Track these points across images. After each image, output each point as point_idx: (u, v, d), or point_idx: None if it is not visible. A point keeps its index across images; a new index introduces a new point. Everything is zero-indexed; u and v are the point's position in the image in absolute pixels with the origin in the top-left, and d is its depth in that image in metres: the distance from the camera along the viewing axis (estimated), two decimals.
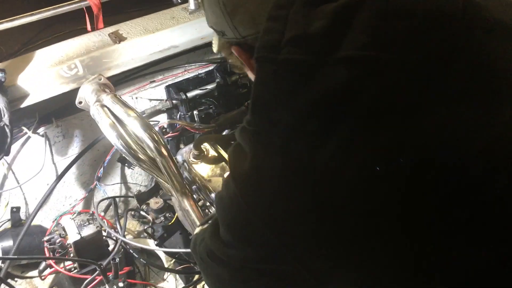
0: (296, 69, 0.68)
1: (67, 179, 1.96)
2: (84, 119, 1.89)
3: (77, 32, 1.79)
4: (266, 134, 0.70)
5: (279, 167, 0.69)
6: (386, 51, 0.64)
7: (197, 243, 0.97)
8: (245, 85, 2.10)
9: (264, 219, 0.71)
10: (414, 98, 0.65)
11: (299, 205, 0.69)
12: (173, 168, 1.44)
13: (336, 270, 0.71)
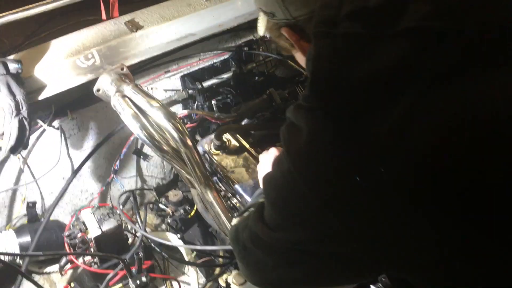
0: (355, 42, 0.67)
1: (83, 173, 1.92)
2: (99, 111, 1.85)
3: (89, 22, 1.74)
4: (325, 108, 0.69)
5: (338, 142, 0.67)
6: (448, 21, 0.63)
7: (239, 231, 0.95)
8: (262, 73, 2.06)
9: (322, 196, 0.69)
10: (478, 65, 0.63)
11: (359, 180, 0.66)
12: (198, 159, 1.40)
13: (393, 251, 0.68)
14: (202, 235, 1.93)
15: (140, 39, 1.61)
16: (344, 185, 0.67)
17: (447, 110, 0.62)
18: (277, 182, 0.78)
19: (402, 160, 0.63)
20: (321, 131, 0.69)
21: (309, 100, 0.71)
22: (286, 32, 0.88)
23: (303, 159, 0.71)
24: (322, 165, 0.69)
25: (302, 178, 0.70)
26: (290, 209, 0.76)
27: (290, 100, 1.73)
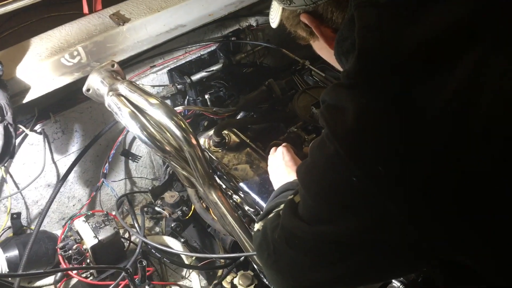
0: (402, 10, 0.64)
1: (70, 179, 1.81)
2: (84, 112, 1.74)
3: (69, 17, 1.61)
4: (374, 82, 0.64)
5: (394, 115, 0.62)
6: None
7: (267, 234, 0.89)
8: (252, 63, 1.99)
9: (376, 177, 0.63)
10: None
11: (419, 156, 0.61)
12: (202, 158, 1.31)
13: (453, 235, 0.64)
14: (199, 235, 1.85)
15: (128, 32, 1.50)
16: (400, 167, 0.62)
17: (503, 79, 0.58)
18: (320, 170, 0.72)
19: (472, 126, 0.58)
20: (371, 108, 0.64)
21: (355, 76, 0.66)
22: (306, 19, 0.83)
23: (354, 139, 0.65)
24: (376, 142, 0.63)
25: (354, 159, 0.65)
26: (337, 197, 0.70)
27: (289, 91, 1.66)
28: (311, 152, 0.75)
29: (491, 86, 0.58)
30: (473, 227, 0.62)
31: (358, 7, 0.67)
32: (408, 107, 0.61)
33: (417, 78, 0.61)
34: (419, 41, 0.61)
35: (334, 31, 0.80)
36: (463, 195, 0.60)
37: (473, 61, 0.59)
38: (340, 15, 0.78)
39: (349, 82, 0.67)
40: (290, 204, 0.83)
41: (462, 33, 0.60)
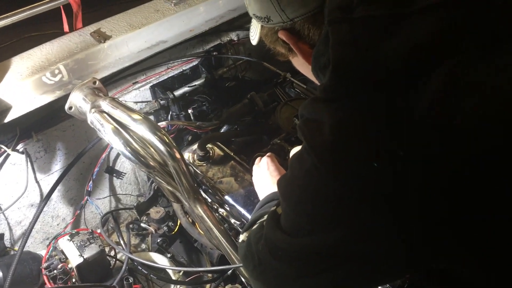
0: (375, 24, 0.65)
1: (53, 198, 1.79)
2: (67, 129, 1.73)
3: (50, 36, 1.61)
4: (351, 95, 0.65)
5: (370, 128, 0.63)
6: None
7: (252, 245, 0.90)
8: (234, 77, 2.00)
9: (352, 191, 0.65)
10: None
11: (393, 170, 0.62)
12: (186, 172, 1.32)
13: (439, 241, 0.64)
14: (186, 250, 1.84)
15: (109, 49, 1.51)
16: (377, 178, 0.63)
17: (491, 81, 0.59)
18: (300, 182, 0.73)
19: (449, 134, 0.59)
20: (348, 122, 0.65)
21: (331, 90, 0.68)
22: (284, 36, 0.85)
23: (331, 152, 0.66)
24: (352, 156, 0.64)
25: (332, 173, 0.66)
26: (317, 209, 0.71)
27: (271, 103, 1.67)
28: (290, 165, 0.76)
29: (470, 91, 0.59)
30: (462, 233, 0.63)
31: (332, 23, 0.68)
32: (384, 119, 0.62)
33: (394, 91, 0.63)
34: (394, 55, 0.62)
35: (312, 47, 0.82)
36: (448, 202, 0.61)
37: (450, 69, 0.60)
38: (317, 32, 0.80)
39: (326, 96, 0.68)
40: (273, 216, 0.83)
41: (438, 43, 0.62)
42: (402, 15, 0.64)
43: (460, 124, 0.58)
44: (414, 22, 0.63)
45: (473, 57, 0.60)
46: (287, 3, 0.80)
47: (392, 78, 0.63)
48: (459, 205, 0.60)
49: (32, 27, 1.84)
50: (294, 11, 0.80)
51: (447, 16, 0.62)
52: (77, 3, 1.45)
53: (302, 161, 0.71)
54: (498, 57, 0.60)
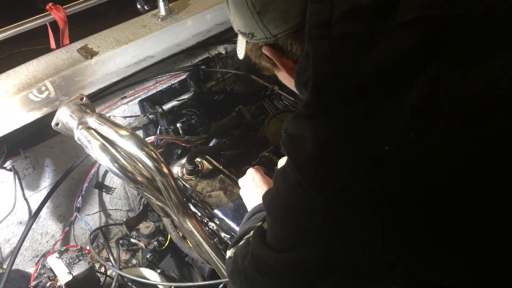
0: (354, 41, 0.66)
1: (42, 215, 1.77)
2: (55, 146, 1.72)
3: (38, 52, 1.61)
4: (331, 111, 0.66)
5: (351, 143, 0.64)
6: (446, 9, 0.63)
7: (238, 261, 0.90)
8: (222, 90, 2.01)
9: (335, 204, 0.65)
10: (488, 45, 0.63)
11: (375, 183, 0.63)
12: (175, 187, 1.31)
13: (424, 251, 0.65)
14: (177, 265, 1.83)
15: (96, 65, 1.51)
16: (362, 188, 0.64)
17: (468, 89, 0.60)
18: (284, 198, 0.73)
19: (428, 144, 0.60)
20: (329, 137, 0.66)
21: (312, 106, 0.68)
22: (267, 51, 0.86)
23: (314, 167, 0.67)
24: (335, 171, 0.65)
25: (315, 188, 0.67)
26: (302, 224, 0.71)
27: (259, 116, 1.68)
28: (275, 181, 0.76)
29: (448, 102, 0.60)
30: (444, 243, 0.63)
31: (311, 39, 0.69)
32: (365, 133, 0.63)
33: (373, 105, 0.63)
34: (373, 70, 0.63)
35: (295, 62, 0.82)
36: (428, 213, 0.61)
37: (427, 83, 0.61)
38: (299, 47, 0.81)
39: (307, 112, 0.69)
40: (259, 231, 0.84)
41: (415, 57, 0.63)
42: (380, 32, 0.65)
43: (438, 134, 0.59)
44: (391, 38, 0.64)
45: (448, 71, 0.61)
46: (269, 20, 0.81)
47: (370, 93, 0.64)
48: (439, 216, 0.61)
49: (21, 43, 1.83)
50: (276, 27, 0.81)
51: (422, 32, 0.63)
52: (63, 20, 1.45)
53: (286, 177, 0.72)
54: (474, 66, 0.61)
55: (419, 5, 0.64)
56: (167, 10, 1.69)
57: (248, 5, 0.81)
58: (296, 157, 0.70)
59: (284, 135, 0.75)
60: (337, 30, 0.67)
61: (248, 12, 0.82)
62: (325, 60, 0.66)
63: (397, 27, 0.64)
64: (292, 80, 0.85)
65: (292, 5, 0.78)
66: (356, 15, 0.67)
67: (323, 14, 0.70)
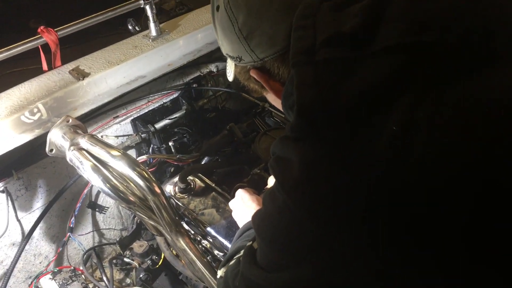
0: (336, 66, 0.68)
1: (35, 235, 1.77)
2: (47, 166, 1.73)
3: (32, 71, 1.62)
4: (315, 135, 0.68)
5: (334, 167, 0.65)
6: (425, 35, 0.65)
7: (229, 281, 0.91)
8: (214, 108, 2.03)
9: (323, 224, 0.66)
10: (466, 68, 0.64)
11: (362, 203, 0.64)
12: (167, 206, 1.32)
13: (412, 274, 0.65)
14: (171, 283, 1.83)
15: (88, 86, 1.52)
16: (347, 211, 0.65)
17: (448, 112, 0.62)
18: (272, 219, 0.74)
19: (410, 170, 0.61)
20: (315, 159, 0.67)
21: (297, 129, 0.70)
22: (254, 74, 0.88)
23: (299, 190, 0.68)
24: (320, 194, 0.66)
25: (302, 210, 0.68)
26: (291, 244, 0.72)
27: (251, 133, 1.70)
28: (263, 202, 0.78)
29: (425, 126, 0.61)
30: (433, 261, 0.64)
31: (295, 65, 0.71)
32: (349, 156, 0.64)
33: (355, 128, 0.65)
34: (354, 94, 0.65)
35: (282, 85, 0.84)
36: (412, 235, 0.62)
37: (407, 105, 0.63)
38: (286, 70, 0.83)
39: (293, 135, 0.71)
40: (249, 251, 0.85)
41: (395, 82, 0.64)
42: (360, 57, 0.67)
43: (416, 159, 0.60)
44: (371, 64, 0.66)
45: (425, 95, 0.63)
46: (256, 44, 0.83)
47: (352, 116, 0.65)
48: (422, 237, 0.62)
49: (14, 63, 1.85)
50: (263, 51, 0.83)
51: (400, 58, 0.65)
52: (55, 42, 1.47)
53: (274, 198, 0.73)
54: (450, 91, 0.62)
55: (397, 31, 0.66)
56: (157, 31, 1.71)
57: (235, 31, 0.83)
58: (283, 179, 0.71)
59: (272, 157, 0.76)
60: (320, 56, 0.69)
61: (236, 37, 0.84)
62: (309, 85, 0.68)
63: (377, 53, 0.66)
64: (280, 101, 0.87)
65: (278, 30, 0.80)
66: (338, 41, 0.69)
67: (306, 40, 0.71)
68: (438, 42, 0.64)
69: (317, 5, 0.74)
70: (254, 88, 0.94)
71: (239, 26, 0.83)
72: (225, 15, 0.84)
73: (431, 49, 0.64)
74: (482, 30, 0.66)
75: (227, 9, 0.84)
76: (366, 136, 0.64)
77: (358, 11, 0.70)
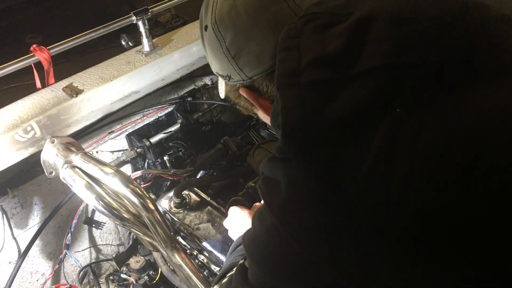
0: (321, 88, 0.67)
1: (31, 253, 1.77)
2: (42, 183, 1.73)
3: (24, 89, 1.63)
4: (301, 156, 0.68)
5: (320, 189, 0.65)
6: (407, 56, 0.64)
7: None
8: (209, 121, 2.03)
9: (310, 246, 0.66)
10: (448, 89, 0.64)
11: (347, 224, 0.63)
12: (161, 221, 1.32)
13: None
14: None
15: (81, 103, 1.52)
16: (333, 234, 0.64)
17: (429, 134, 0.61)
18: (261, 240, 0.74)
19: (392, 193, 0.60)
20: (301, 180, 0.67)
21: (283, 151, 0.70)
22: (244, 92, 0.88)
23: (286, 211, 0.68)
24: (307, 215, 0.66)
25: (289, 232, 0.68)
26: (280, 266, 0.72)
27: (245, 146, 1.70)
28: (253, 223, 0.78)
29: (407, 148, 0.61)
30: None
31: (280, 88, 0.70)
32: (334, 178, 0.64)
33: (340, 150, 0.65)
34: (337, 116, 0.65)
35: (272, 102, 0.85)
36: (402, 255, 0.62)
37: (388, 127, 0.63)
38: (275, 88, 0.83)
39: (280, 155, 0.71)
40: (241, 270, 0.85)
41: (378, 103, 0.64)
42: (344, 79, 0.66)
43: (399, 182, 0.60)
44: (354, 85, 0.65)
45: (407, 118, 0.63)
46: (244, 63, 0.83)
47: (336, 139, 0.65)
48: (408, 258, 0.61)
49: (8, 80, 1.85)
50: (251, 70, 0.83)
51: (382, 79, 0.64)
52: (48, 60, 1.47)
53: (263, 219, 0.73)
54: (432, 112, 0.62)
55: (381, 53, 0.66)
56: (150, 46, 1.72)
57: (224, 50, 0.84)
58: (270, 201, 0.71)
59: (261, 177, 0.76)
60: (305, 78, 0.68)
61: (224, 56, 0.84)
62: (294, 108, 0.68)
63: (360, 74, 0.66)
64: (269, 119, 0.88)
65: (265, 50, 0.80)
66: (322, 63, 0.68)
67: (291, 62, 0.71)
68: (421, 63, 0.64)
69: (302, 26, 0.73)
70: (245, 106, 0.94)
71: (226, 46, 0.83)
72: (213, 35, 0.85)
73: (414, 70, 0.64)
74: (464, 50, 0.65)
75: (214, 29, 0.84)
76: (351, 159, 0.64)
77: (341, 32, 0.69)
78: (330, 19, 0.72)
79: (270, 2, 0.80)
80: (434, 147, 0.60)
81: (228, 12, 0.82)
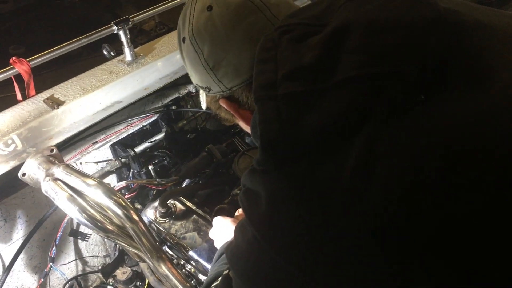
0: (297, 100, 0.68)
1: (16, 268, 1.73)
2: (26, 196, 1.70)
3: (5, 101, 1.61)
4: (280, 168, 0.68)
5: (299, 200, 0.65)
6: (382, 66, 0.65)
7: None
8: (194, 129, 2.02)
9: (291, 259, 0.66)
10: (419, 102, 0.65)
11: (327, 236, 0.63)
12: (146, 232, 1.31)
13: None
14: None
15: (63, 115, 1.51)
16: (313, 245, 0.64)
17: (406, 144, 0.62)
18: (243, 252, 0.74)
19: (369, 205, 0.60)
20: (280, 193, 0.68)
21: (263, 163, 0.70)
22: (224, 104, 0.88)
23: (267, 224, 0.68)
24: (287, 227, 0.66)
25: (269, 244, 0.68)
26: (262, 278, 0.71)
27: (230, 154, 1.69)
28: (235, 235, 0.77)
29: (385, 158, 0.61)
30: None
31: (257, 101, 0.70)
32: (311, 191, 0.64)
33: (318, 162, 0.65)
34: (314, 128, 0.65)
35: (252, 113, 0.85)
36: (377, 266, 0.62)
37: (365, 138, 0.63)
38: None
39: (260, 168, 0.71)
40: (225, 280, 0.86)
41: (354, 114, 0.64)
42: (320, 90, 0.67)
43: (375, 194, 0.60)
44: (329, 97, 0.66)
45: (383, 129, 0.63)
46: (223, 75, 0.83)
47: (313, 151, 0.65)
48: (384, 269, 0.61)
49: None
50: (230, 81, 0.83)
51: (357, 90, 0.65)
52: (28, 72, 1.46)
53: (244, 231, 0.73)
54: (408, 123, 0.63)
55: (355, 63, 0.66)
56: (132, 55, 1.71)
57: (202, 62, 0.84)
58: (251, 213, 0.71)
59: (242, 189, 0.77)
60: (282, 90, 0.68)
61: (202, 68, 0.84)
62: (271, 121, 0.68)
63: (335, 86, 0.66)
64: None
65: (243, 60, 0.81)
66: (298, 75, 0.68)
67: (268, 74, 0.71)
68: (395, 73, 0.64)
69: (278, 38, 0.73)
70: (226, 117, 0.95)
71: (205, 58, 0.83)
72: (191, 47, 0.85)
73: (389, 79, 0.64)
74: (437, 59, 0.66)
75: (192, 41, 0.84)
76: (329, 171, 0.64)
77: (316, 43, 0.70)
78: (306, 30, 0.72)
79: (247, 13, 0.81)
80: (411, 157, 0.60)
81: (204, 24, 0.82)
